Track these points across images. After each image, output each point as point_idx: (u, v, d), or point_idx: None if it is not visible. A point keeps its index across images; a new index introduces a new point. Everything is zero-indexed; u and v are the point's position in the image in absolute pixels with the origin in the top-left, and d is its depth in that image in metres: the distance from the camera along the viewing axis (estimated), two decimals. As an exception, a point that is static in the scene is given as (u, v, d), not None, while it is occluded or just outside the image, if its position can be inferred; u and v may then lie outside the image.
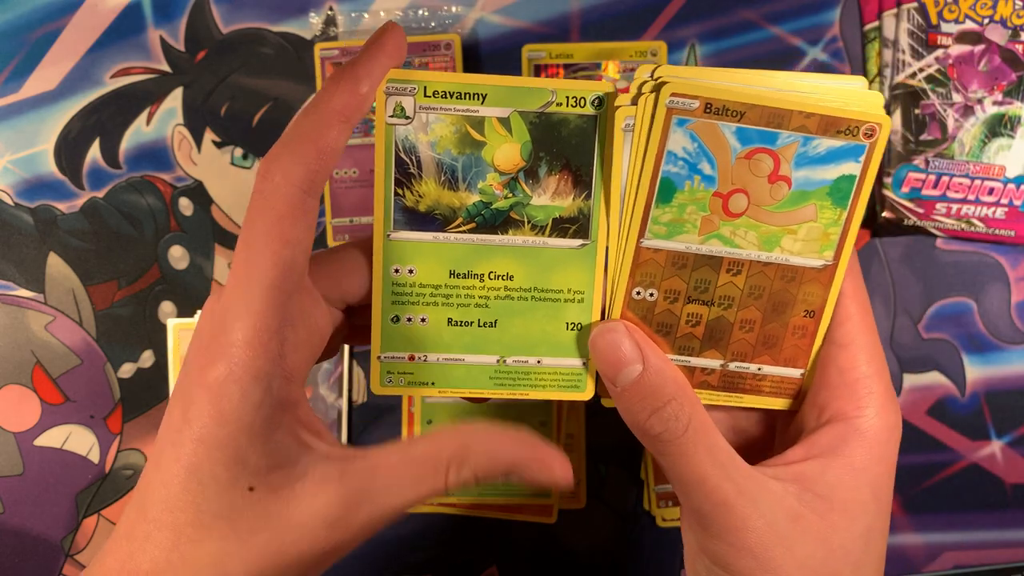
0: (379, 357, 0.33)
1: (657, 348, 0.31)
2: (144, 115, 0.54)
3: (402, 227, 0.32)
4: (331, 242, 0.53)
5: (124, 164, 0.54)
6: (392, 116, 0.30)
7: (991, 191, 0.52)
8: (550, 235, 0.32)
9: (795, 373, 0.34)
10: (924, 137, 0.52)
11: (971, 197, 0.52)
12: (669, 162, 0.30)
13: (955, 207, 0.52)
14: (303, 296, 0.27)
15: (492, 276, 0.32)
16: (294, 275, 0.26)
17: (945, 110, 0.52)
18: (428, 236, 0.32)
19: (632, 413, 0.29)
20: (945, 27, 0.53)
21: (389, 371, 0.33)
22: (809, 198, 0.31)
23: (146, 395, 0.54)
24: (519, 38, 0.54)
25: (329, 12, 0.54)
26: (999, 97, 0.52)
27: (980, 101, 0.52)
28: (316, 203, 0.27)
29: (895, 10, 0.53)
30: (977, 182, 0.52)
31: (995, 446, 0.54)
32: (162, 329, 0.54)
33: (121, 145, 0.54)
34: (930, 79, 0.52)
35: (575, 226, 0.32)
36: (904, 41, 0.53)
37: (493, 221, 0.32)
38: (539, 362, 0.33)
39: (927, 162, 0.52)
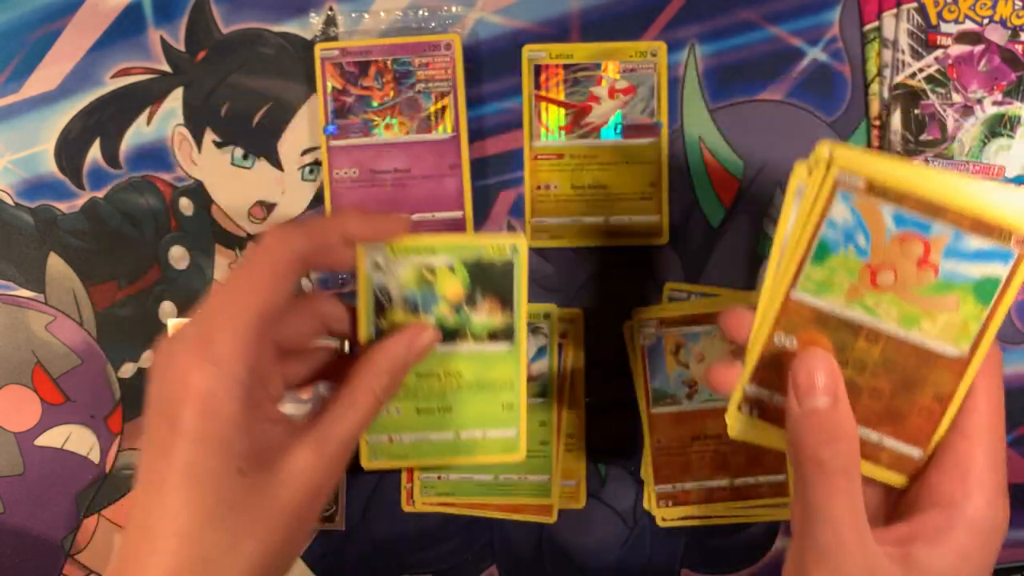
0: (367, 439, 0.43)
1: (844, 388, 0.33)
2: (144, 115, 0.54)
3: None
4: (331, 242, 0.53)
5: (124, 164, 0.54)
6: (370, 269, 0.41)
7: None
8: (487, 342, 0.44)
9: (915, 452, 0.35)
10: (924, 137, 0.52)
11: None
12: (829, 228, 0.34)
13: None
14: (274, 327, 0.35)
15: (446, 374, 0.43)
16: (276, 312, 0.32)
17: (945, 110, 0.52)
18: None
19: (804, 436, 0.32)
20: (945, 27, 0.53)
21: (374, 450, 0.44)
22: (953, 289, 0.33)
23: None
24: (519, 38, 0.54)
25: (329, 12, 0.54)
26: (999, 97, 0.52)
27: (980, 101, 0.52)
28: (298, 277, 0.34)
29: (895, 10, 0.53)
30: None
31: (995, 446, 0.54)
32: (163, 329, 0.54)
33: (121, 145, 0.54)
34: (930, 79, 0.53)
35: (503, 334, 0.44)
36: (904, 41, 0.53)
37: (446, 336, 0.43)
38: (484, 434, 0.45)
39: (927, 162, 0.52)
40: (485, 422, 0.45)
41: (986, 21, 0.53)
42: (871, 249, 0.33)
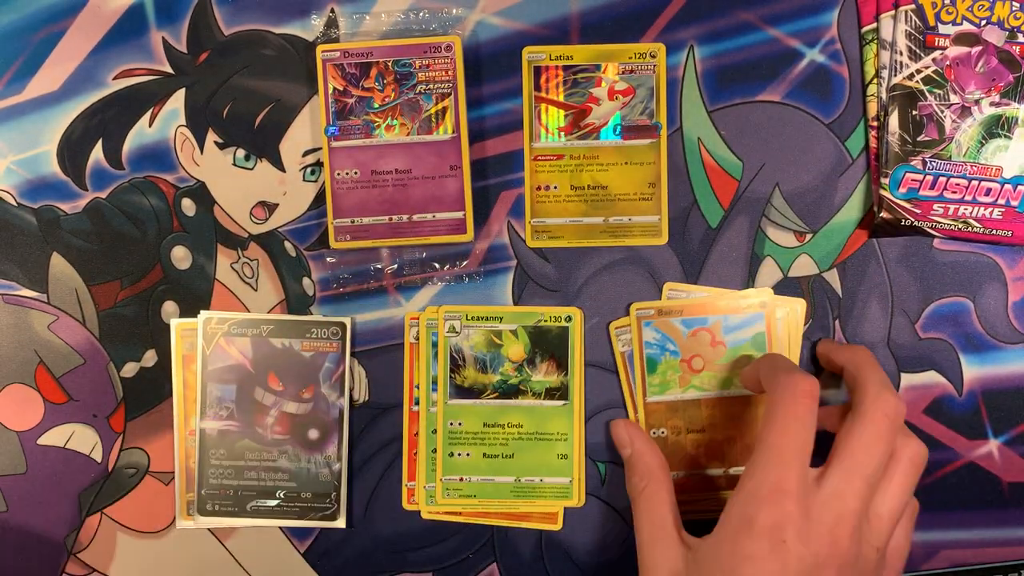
0: (442, 479, 0.52)
1: (644, 437, 0.49)
2: (147, 116, 0.55)
3: (455, 397, 0.52)
4: (332, 243, 0.53)
5: (127, 165, 0.55)
6: (448, 333, 0.52)
7: (988, 191, 0.53)
8: (544, 399, 0.52)
9: None
10: (921, 138, 0.53)
11: (968, 198, 0.53)
12: (648, 347, 0.51)
13: (952, 207, 0.53)
14: None
15: (509, 425, 0.52)
16: None
17: (942, 111, 0.53)
18: (470, 402, 0.52)
19: (626, 477, 0.49)
20: (943, 28, 0.53)
21: (447, 488, 0.52)
22: (740, 351, 0.50)
23: (149, 394, 0.55)
24: (519, 40, 0.54)
25: (331, 14, 0.54)
26: (996, 98, 0.53)
27: (977, 102, 0.53)
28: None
29: (892, 12, 0.53)
30: (975, 183, 0.52)
31: (992, 445, 0.54)
32: (165, 329, 0.54)
33: (124, 146, 0.55)
34: (927, 80, 0.53)
35: (559, 392, 0.52)
36: (901, 43, 0.53)
37: (509, 391, 0.52)
38: (541, 480, 0.52)
39: (924, 163, 0.52)
40: (542, 470, 0.52)
41: (984, 22, 0.53)
42: (680, 349, 0.50)
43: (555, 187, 0.54)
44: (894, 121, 0.53)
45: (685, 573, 0.42)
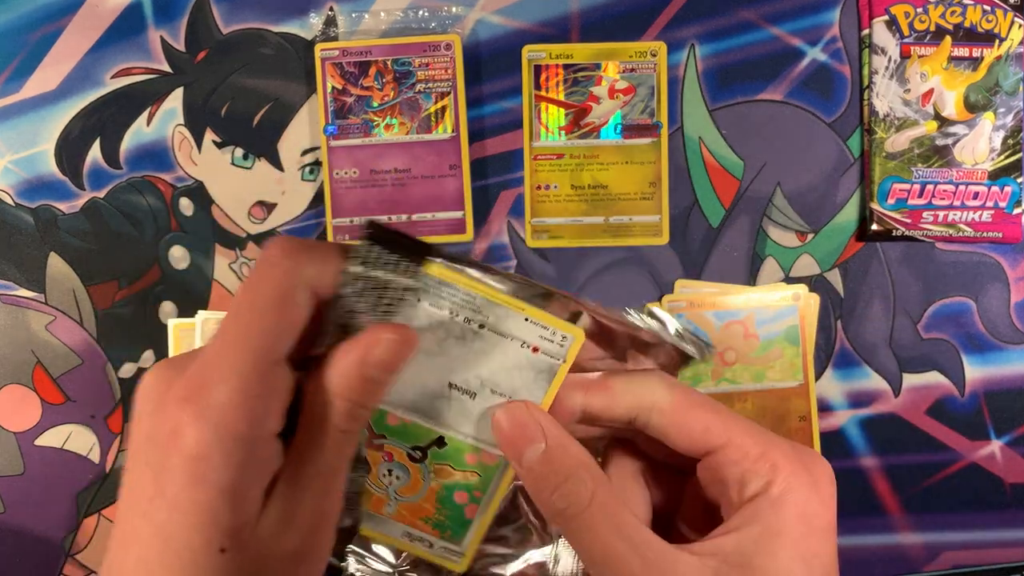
0: None
1: (559, 425, 0.30)
2: (144, 115, 0.54)
3: None
4: (332, 241, 0.53)
5: (124, 164, 0.54)
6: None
7: (976, 195, 0.52)
8: None
9: None
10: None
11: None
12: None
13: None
14: (282, 367, 0.27)
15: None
16: (286, 345, 0.26)
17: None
18: None
19: (539, 490, 0.29)
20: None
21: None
22: (773, 344, 0.50)
23: (147, 395, 0.54)
24: (519, 39, 0.54)
25: (329, 12, 0.54)
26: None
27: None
28: (313, 304, 0.26)
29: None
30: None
31: (994, 446, 0.54)
32: (163, 329, 0.54)
33: (121, 145, 0.54)
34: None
35: None
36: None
37: None
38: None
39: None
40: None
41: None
42: (712, 341, 0.49)
43: (555, 186, 0.54)
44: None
45: None
